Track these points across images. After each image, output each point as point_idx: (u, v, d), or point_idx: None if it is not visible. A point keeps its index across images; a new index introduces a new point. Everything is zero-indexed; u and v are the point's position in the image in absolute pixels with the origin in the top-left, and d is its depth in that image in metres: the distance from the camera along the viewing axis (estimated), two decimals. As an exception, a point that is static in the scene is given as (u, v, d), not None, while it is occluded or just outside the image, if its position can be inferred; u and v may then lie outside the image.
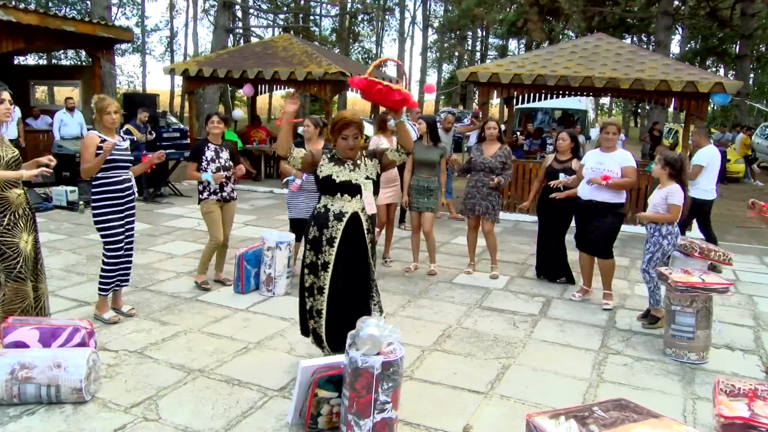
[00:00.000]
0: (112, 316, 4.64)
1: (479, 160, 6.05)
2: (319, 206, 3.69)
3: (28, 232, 4.02)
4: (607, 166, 5.26)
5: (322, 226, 3.63)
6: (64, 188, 9.31)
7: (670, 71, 8.94)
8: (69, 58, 29.80)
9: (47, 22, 10.80)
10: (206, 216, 5.46)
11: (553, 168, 5.99)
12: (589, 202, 5.34)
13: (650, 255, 4.88)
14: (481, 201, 6.07)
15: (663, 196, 4.81)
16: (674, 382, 4.02)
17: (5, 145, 3.93)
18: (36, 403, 3.34)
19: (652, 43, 24.51)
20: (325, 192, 3.67)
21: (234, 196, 5.57)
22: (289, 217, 5.95)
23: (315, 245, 3.65)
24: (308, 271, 3.71)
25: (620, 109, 44.70)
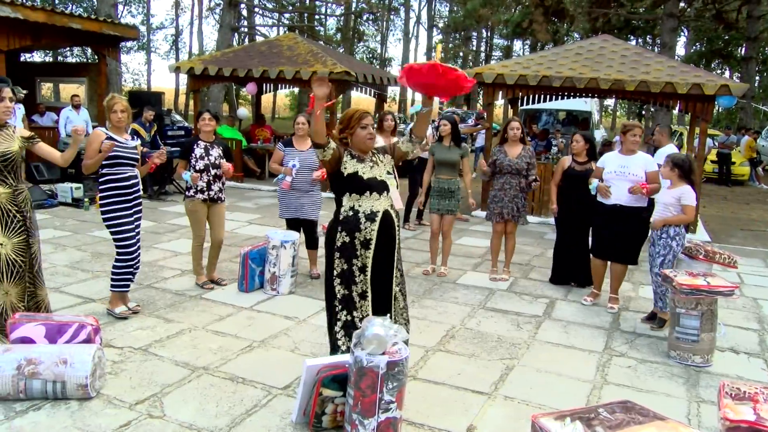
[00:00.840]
0: (123, 310, 4.66)
1: (505, 162, 5.96)
2: (344, 209, 3.48)
3: (7, 236, 3.85)
4: (631, 169, 5.15)
5: (353, 230, 3.44)
6: (69, 185, 9.34)
7: (675, 73, 8.92)
8: (75, 56, 29.87)
9: (54, 20, 10.84)
10: (190, 214, 5.39)
11: (575, 170, 5.85)
12: (614, 207, 5.22)
13: (662, 258, 4.85)
14: (508, 203, 6.01)
15: (676, 196, 4.79)
16: (679, 384, 4.01)
17: (7, 138, 3.86)
18: (42, 398, 3.35)
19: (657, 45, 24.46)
20: (349, 191, 3.48)
21: (222, 198, 5.43)
22: (285, 218, 5.94)
23: (346, 251, 3.45)
24: (340, 281, 3.48)
25: (624, 111, 44.59)
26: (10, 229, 3.87)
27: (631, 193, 5.08)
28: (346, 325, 3.50)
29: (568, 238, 6.05)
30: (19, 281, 3.94)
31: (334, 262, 3.49)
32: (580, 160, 5.91)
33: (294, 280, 5.54)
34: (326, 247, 3.56)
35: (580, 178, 5.74)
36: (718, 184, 15.78)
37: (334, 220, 3.54)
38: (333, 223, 3.54)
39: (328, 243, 3.54)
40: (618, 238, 5.28)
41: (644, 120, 32.40)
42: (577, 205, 5.80)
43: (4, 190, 3.86)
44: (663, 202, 4.89)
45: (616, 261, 5.40)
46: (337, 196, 3.56)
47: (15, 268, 3.90)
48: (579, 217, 5.82)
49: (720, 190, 14.85)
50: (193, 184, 5.23)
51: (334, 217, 3.56)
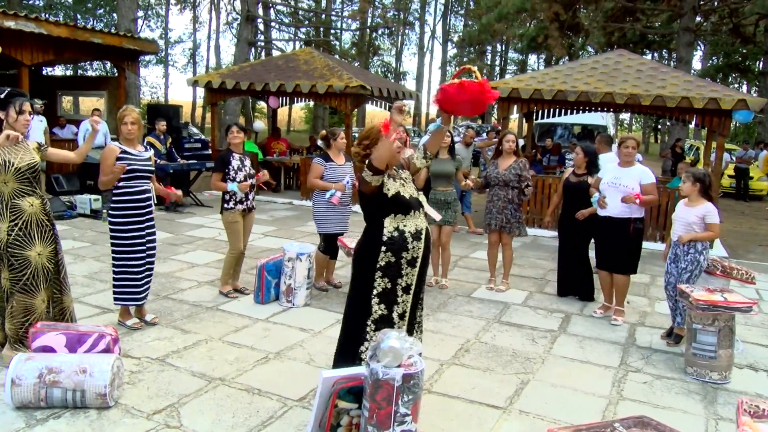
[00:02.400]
0: (135, 322, 4.72)
1: (493, 174, 6.07)
2: (387, 230, 3.39)
3: (43, 244, 3.98)
4: (623, 181, 5.24)
5: (400, 250, 3.37)
6: (88, 197, 9.48)
7: (692, 88, 8.90)
8: (94, 69, 30.39)
9: (76, 35, 11.07)
10: (230, 225, 5.50)
11: (570, 182, 5.98)
12: (605, 218, 5.32)
13: (689, 274, 4.80)
14: (497, 215, 6.08)
15: (699, 215, 4.75)
16: (696, 401, 3.98)
17: (26, 150, 3.94)
18: (62, 407, 3.40)
19: (673, 60, 24.38)
20: (394, 212, 3.40)
21: (254, 206, 5.65)
22: (328, 233, 5.89)
23: (390, 271, 3.39)
24: (379, 300, 3.42)
25: (640, 125, 44.39)
26: (44, 238, 4.00)
27: (624, 203, 5.16)
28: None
29: (567, 250, 6.11)
30: (49, 288, 4.07)
31: (375, 282, 3.41)
32: (578, 172, 5.98)
33: (309, 292, 5.58)
34: (361, 266, 3.48)
35: (575, 189, 5.86)
36: (735, 199, 15.63)
37: (373, 240, 3.42)
38: (372, 244, 3.42)
39: (365, 262, 3.44)
40: (610, 249, 5.36)
41: (660, 134, 32.21)
42: (572, 217, 5.85)
43: (37, 201, 3.97)
44: (685, 221, 4.83)
45: (614, 271, 5.44)
46: (377, 217, 3.44)
47: (49, 276, 4.05)
48: (575, 228, 5.86)
49: (738, 206, 14.71)
50: (243, 192, 5.37)
51: (371, 238, 3.44)
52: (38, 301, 3.96)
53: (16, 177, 3.85)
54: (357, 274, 3.53)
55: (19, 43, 10.32)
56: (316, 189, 5.84)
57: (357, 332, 3.48)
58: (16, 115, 3.87)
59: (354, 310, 3.52)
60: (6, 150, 3.83)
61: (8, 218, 3.85)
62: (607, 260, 5.44)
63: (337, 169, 5.84)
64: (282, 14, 29.34)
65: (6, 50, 10.09)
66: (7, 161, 3.82)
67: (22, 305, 3.90)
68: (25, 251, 3.88)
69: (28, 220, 3.89)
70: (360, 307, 3.48)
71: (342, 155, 5.98)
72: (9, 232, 3.84)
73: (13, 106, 3.85)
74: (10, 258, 3.85)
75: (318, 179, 5.78)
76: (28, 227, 3.90)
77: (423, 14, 36.80)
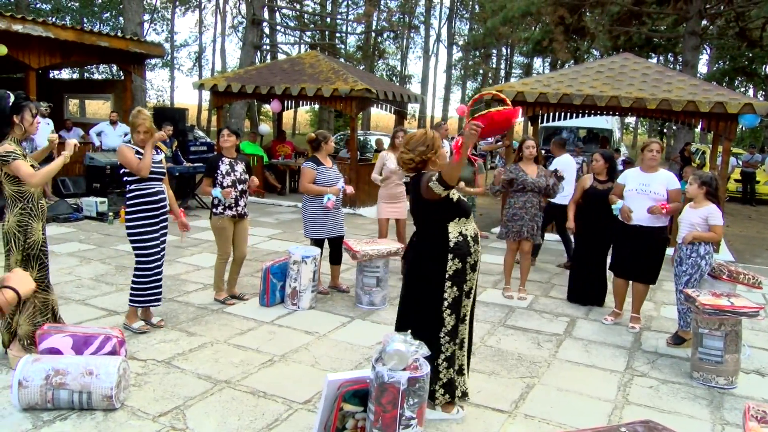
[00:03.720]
0: (141, 325, 4.73)
1: (528, 180, 5.92)
2: (453, 235, 3.36)
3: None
4: (652, 187, 5.13)
5: (465, 255, 3.36)
6: (95, 199, 9.52)
7: (698, 92, 8.88)
8: (101, 73, 30.53)
9: (83, 38, 11.14)
10: (218, 231, 5.42)
11: (596, 190, 5.82)
12: (634, 226, 5.19)
13: (688, 277, 4.80)
14: (529, 222, 5.98)
15: (702, 216, 4.75)
16: (702, 406, 3.96)
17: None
18: (68, 408, 3.42)
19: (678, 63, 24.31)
20: (458, 216, 3.39)
21: (246, 213, 5.52)
22: (321, 237, 5.85)
23: (458, 277, 3.36)
24: (451, 311, 3.39)
25: (645, 129, 44.28)
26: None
27: (651, 214, 5.06)
28: (451, 356, 3.46)
29: (585, 256, 6.03)
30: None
31: (445, 292, 3.36)
32: (601, 178, 5.90)
33: (314, 295, 5.58)
34: (426, 276, 3.39)
35: (601, 197, 5.71)
36: (742, 203, 15.58)
37: (438, 247, 3.36)
38: (438, 252, 3.36)
39: (432, 271, 3.37)
40: (637, 257, 5.25)
41: (665, 138, 32.12)
42: (595, 224, 5.78)
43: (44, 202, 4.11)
44: (689, 222, 4.84)
45: (636, 280, 5.37)
46: (440, 223, 3.38)
47: None
48: (597, 235, 5.80)
49: (744, 210, 14.65)
50: (226, 199, 5.25)
51: (435, 245, 3.37)
52: (54, 297, 4.13)
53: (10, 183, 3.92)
54: (422, 287, 3.42)
55: (26, 47, 10.39)
56: (311, 194, 5.78)
57: (432, 347, 3.30)
58: (31, 118, 3.93)
59: (423, 324, 3.40)
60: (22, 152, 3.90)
61: (40, 218, 3.99)
62: (629, 269, 5.34)
63: (328, 172, 5.81)
64: (287, 18, 29.44)
65: (14, 53, 10.16)
66: (33, 166, 3.92)
67: (43, 303, 4.02)
68: (46, 249, 4.06)
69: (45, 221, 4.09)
70: (430, 320, 3.40)
71: (329, 159, 5.95)
72: (44, 231, 4.01)
73: (29, 109, 3.90)
74: (41, 257, 3.98)
75: (311, 184, 5.73)
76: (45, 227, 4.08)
77: (428, 18, 36.83)
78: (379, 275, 5.60)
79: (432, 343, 3.34)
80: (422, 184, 3.34)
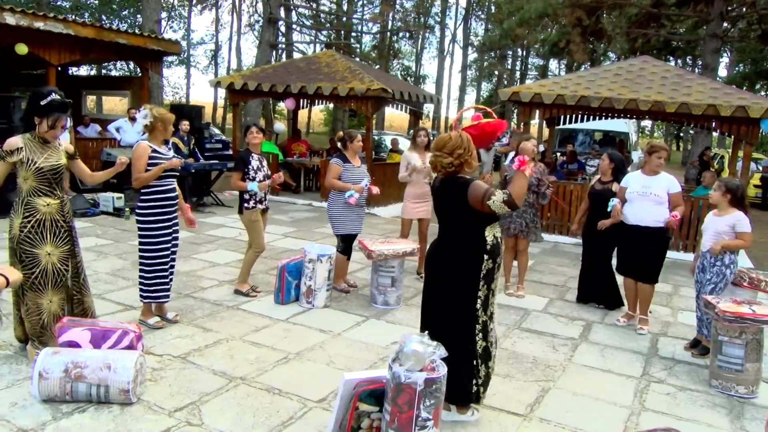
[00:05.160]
0: (156, 321, 4.75)
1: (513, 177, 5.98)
2: (489, 238, 3.44)
3: (55, 245, 3.97)
4: (653, 189, 5.19)
5: (497, 256, 3.47)
6: (111, 195, 9.60)
7: (718, 95, 8.78)
8: (118, 70, 30.81)
9: (102, 35, 11.23)
10: (251, 225, 5.55)
11: (596, 190, 5.91)
12: (636, 227, 5.26)
13: (713, 286, 4.73)
14: (517, 219, 6.03)
15: (729, 224, 4.68)
16: (721, 415, 3.91)
17: (54, 151, 3.99)
18: (86, 401, 3.44)
19: (698, 67, 24.07)
20: (493, 220, 3.46)
21: (268, 206, 5.71)
22: (344, 234, 5.93)
23: (489, 277, 3.46)
24: (483, 309, 3.49)
25: (662, 132, 43.88)
26: (57, 239, 3.99)
27: (666, 226, 5.09)
28: (485, 352, 3.53)
29: (591, 258, 6.04)
30: (61, 289, 4.03)
31: (479, 291, 3.44)
32: (604, 179, 5.91)
33: (329, 293, 5.58)
34: (462, 278, 3.44)
35: (601, 196, 5.75)
36: (761, 210, 15.37)
37: (475, 250, 3.42)
38: (475, 253, 3.42)
39: (467, 273, 3.42)
40: (639, 258, 5.29)
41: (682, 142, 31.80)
42: (596, 224, 5.75)
43: (54, 201, 3.99)
44: (714, 230, 4.76)
45: (637, 279, 5.38)
46: (478, 228, 3.43)
47: (60, 277, 4.01)
48: (600, 236, 5.77)
49: (764, 216, 14.44)
50: (262, 191, 5.45)
51: (472, 247, 3.43)
52: (45, 301, 3.92)
53: (36, 176, 3.89)
54: (456, 287, 3.46)
55: (47, 44, 10.50)
56: (335, 189, 5.87)
57: (469, 344, 3.47)
58: (47, 128, 3.93)
59: (459, 322, 3.47)
60: (33, 148, 3.89)
61: (21, 214, 3.88)
62: (631, 268, 5.38)
63: (355, 170, 5.91)
64: (303, 17, 29.50)
65: (35, 51, 10.26)
66: (31, 159, 3.86)
67: (33, 304, 3.91)
68: (35, 249, 3.88)
69: (41, 219, 3.91)
70: (466, 318, 3.47)
71: (358, 157, 6.05)
72: (21, 228, 3.87)
73: (47, 120, 3.90)
74: (21, 254, 3.88)
75: (336, 179, 5.83)
76: (41, 226, 3.91)
77: (443, 18, 36.75)
78: (394, 275, 5.59)
79: (468, 342, 3.46)
80: (473, 196, 3.34)
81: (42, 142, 3.94)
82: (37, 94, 3.92)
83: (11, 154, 3.83)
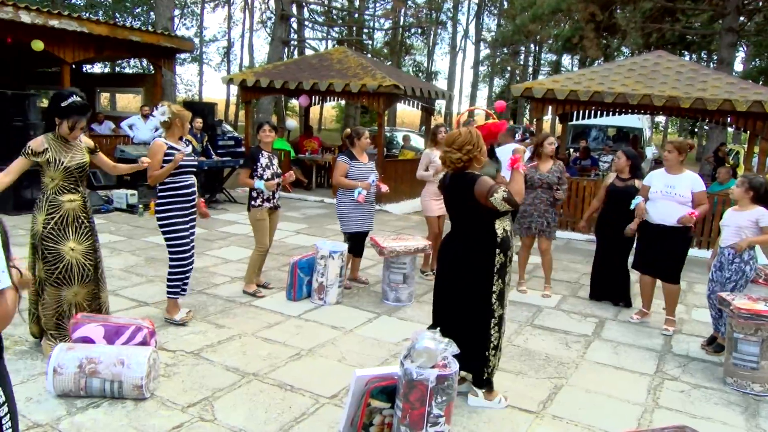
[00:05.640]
0: (183, 317, 4.78)
1: (536, 176, 5.95)
2: (500, 231, 3.51)
3: (78, 241, 4.04)
4: (677, 189, 5.06)
5: (507, 249, 3.53)
6: (125, 191, 9.68)
7: (734, 90, 8.67)
8: (132, 67, 31.00)
9: (116, 33, 11.30)
10: (257, 223, 5.53)
11: (617, 187, 5.80)
12: (659, 226, 5.14)
13: (733, 284, 4.67)
14: (538, 218, 5.99)
15: (752, 219, 4.61)
16: (736, 413, 3.87)
17: (78, 149, 4.06)
18: (100, 396, 3.47)
19: (713, 61, 23.79)
20: (504, 213, 3.50)
21: (279, 205, 5.68)
22: (352, 232, 5.91)
23: (503, 270, 3.54)
24: (498, 303, 3.58)
25: (676, 128, 43.47)
26: (80, 235, 4.06)
27: (681, 224, 4.99)
28: (498, 345, 3.66)
29: (606, 255, 5.97)
30: (89, 284, 4.12)
31: (493, 285, 3.52)
32: (623, 176, 5.84)
33: (341, 290, 5.59)
34: (475, 272, 3.52)
35: (621, 194, 5.67)
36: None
37: (486, 243, 3.50)
38: (486, 247, 3.50)
39: (481, 267, 3.51)
40: (662, 257, 5.21)
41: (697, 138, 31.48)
42: (616, 222, 5.69)
43: (77, 198, 4.06)
44: (736, 225, 4.69)
45: (663, 279, 5.30)
46: (488, 221, 3.50)
47: (85, 272, 4.08)
48: (618, 233, 5.70)
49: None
50: (269, 190, 5.41)
51: (483, 241, 3.50)
52: (70, 294, 4.01)
53: (64, 175, 3.97)
54: (471, 281, 3.54)
55: (62, 42, 10.59)
56: (342, 187, 5.87)
57: (481, 336, 3.59)
58: (68, 130, 4.00)
59: (474, 316, 3.58)
60: (57, 148, 3.96)
61: (45, 211, 3.95)
62: (655, 267, 5.29)
63: (362, 167, 5.88)
64: (315, 13, 29.51)
65: (50, 48, 10.36)
66: (58, 160, 3.94)
67: (53, 298, 3.97)
68: (58, 245, 3.95)
69: (65, 216, 3.98)
70: (481, 312, 3.56)
71: (365, 154, 6.02)
72: (45, 225, 3.93)
73: (67, 121, 3.97)
74: (44, 251, 3.94)
75: (343, 177, 5.82)
76: (64, 223, 3.97)
77: (456, 14, 36.64)
78: (405, 272, 5.59)
79: (483, 335, 3.57)
80: (479, 191, 3.42)
81: (64, 142, 4.01)
82: (59, 95, 4.00)
83: (37, 155, 3.91)
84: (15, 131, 8.63)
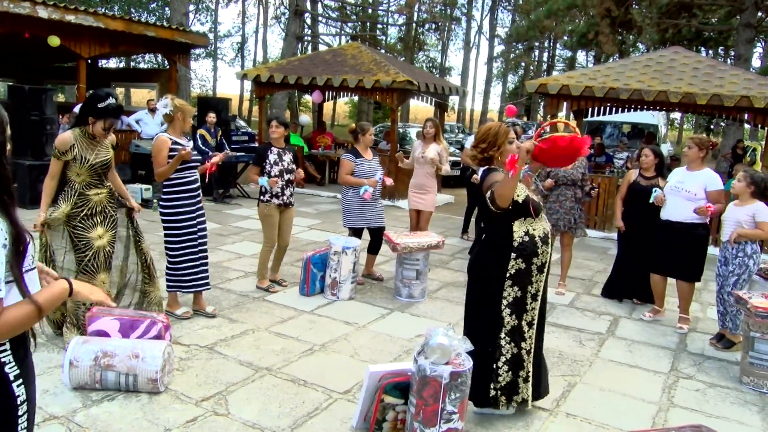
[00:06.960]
0: (184, 311, 4.81)
1: (560, 173, 5.86)
2: (518, 234, 3.25)
3: (105, 229, 4.25)
4: (686, 186, 5.02)
5: (530, 255, 3.25)
6: (140, 186, 9.74)
7: (752, 86, 8.54)
8: (146, 62, 31.18)
9: (132, 28, 11.37)
10: (265, 218, 5.53)
11: (640, 185, 5.70)
12: (666, 222, 5.14)
13: (736, 278, 4.65)
14: (565, 215, 5.91)
15: (749, 213, 4.60)
16: (753, 413, 3.83)
17: (103, 146, 4.18)
18: (115, 389, 3.51)
19: (730, 57, 23.50)
20: (524, 215, 3.25)
21: (293, 202, 5.63)
22: (357, 227, 5.93)
23: (520, 278, 3.27)
24: (510, 311, 3.30)
25: (691, 125, 43.00)
26: (107, 224, 4.28)
27: (697, 214, 4.92)
28: (514, 359, 3.36)
29: (629, 254, 5.89)
30: (110, 272, 4.35)
31: (504, 291, 3.29)
32: (647, 174, 5.75)
33: (354, 286, 5.60)
34: (486, 276, 3.33)
35: (645, 192, 5.58)
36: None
37: (500, 246, 3.29)
38: (499, 251, 3.29)
39: (491, 271, 3.31)
40: (672, 254, 5.16)
41: (713, 135, 31.12)
42: (639, 220, 5.63)
43: (103, 191, 4.23)
44: (734, 219, 4.70)
45: (673, 277, 5.26)
46: (504, 221, 3.27)
47: (107, 259, 4.31)
48: (641, 232, 5.64)
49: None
50: (271, 188, 5.38)
51: (497, 244, 3.30)
52: (98, 282, 4.16)
53: (90, 172, 4.12)
54: (480, 285, 3.38)
55: (78, 37, 10.67)
56: (348, 185, 5.86)
57: (489, 346, 3.33)
58: (102, 131, 4.14)
59: (482, 323, 3.38)
60: (83, 145, 4.08)
61: (73, 204, 4.10)
62: (667, 266, 5.25)
63: (367, 164, 5.88)
64: (329, 9, 29.50)
65: (66, 43, 10.45)
66: (83, 157, 4.07)
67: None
68: (88, 233, 4.15)
69: (93, 208, 4.17)
70: (489, 320, 3.34)
71: (369, 150, 6.01)
72: (72, 217, 4.09)
73: (103, 122, 4.10)
74: (74, 239, 4.12)
75: (349, 175, 5.81)
76: (93, 213, 4.17)
77: (470, 9, 36.38)
78: (418, 268, 5.58)
79: (490, 343, 3.33)
80: (483, 187, 3.26)
81: (91, 138, 4.13)
82: (96, 96, 4.13)
83: (65, 153, 4.04)
84: (32, 125, 8.72)
